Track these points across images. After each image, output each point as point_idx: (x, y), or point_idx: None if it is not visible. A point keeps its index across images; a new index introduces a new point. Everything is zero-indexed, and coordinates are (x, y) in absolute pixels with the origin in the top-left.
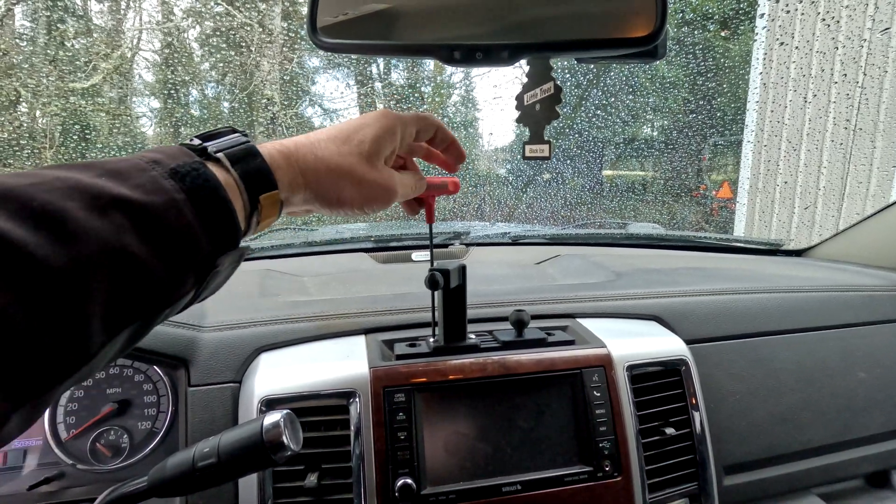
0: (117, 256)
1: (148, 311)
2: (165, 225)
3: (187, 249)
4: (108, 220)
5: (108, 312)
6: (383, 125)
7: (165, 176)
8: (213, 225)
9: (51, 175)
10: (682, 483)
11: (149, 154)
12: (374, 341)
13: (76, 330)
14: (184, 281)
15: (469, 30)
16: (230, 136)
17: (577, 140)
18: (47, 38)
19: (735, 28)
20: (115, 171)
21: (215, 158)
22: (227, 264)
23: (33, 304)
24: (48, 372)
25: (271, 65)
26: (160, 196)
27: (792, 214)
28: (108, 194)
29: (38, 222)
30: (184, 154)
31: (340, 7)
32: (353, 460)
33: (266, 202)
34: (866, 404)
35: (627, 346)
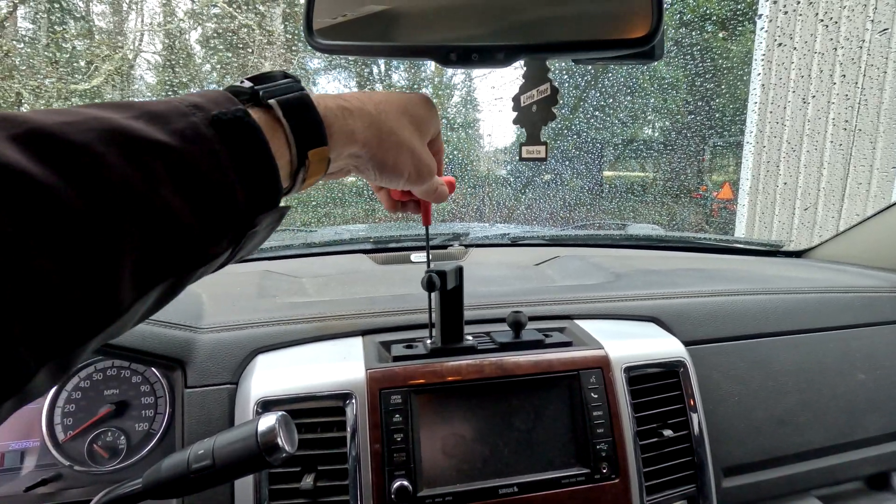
0: (151, 207)
1: (181, 267)
2: (203, 178)
3: (224, 205)
4: (143, 168)
5: (140, 266)
6: (432, 111)
7: (206, 123)
8: (254, 181)
9: (86, 114)
10: (681, 485)
11: (190, 97)
12: (372, 343)
13: (106, 282)
14: (219, 238)
15: (465, 31)
16: (283, 81)
17: (577, 141)
18: (49, 39)
19: (732, 29)
20: (153, 113)
21: (266, 105)
22: (266, 224)
23: (61, 253)
24: (77, 326)
25: (272, 66)
26: (199, 145)
27: (793, 215)
28: (146, 139)
29: (70, 166)
30: (227, 100)
31: (336, 9)
32: (350, 462)
33: (314, 158)
34: (866, 406)
35: (625, 347)
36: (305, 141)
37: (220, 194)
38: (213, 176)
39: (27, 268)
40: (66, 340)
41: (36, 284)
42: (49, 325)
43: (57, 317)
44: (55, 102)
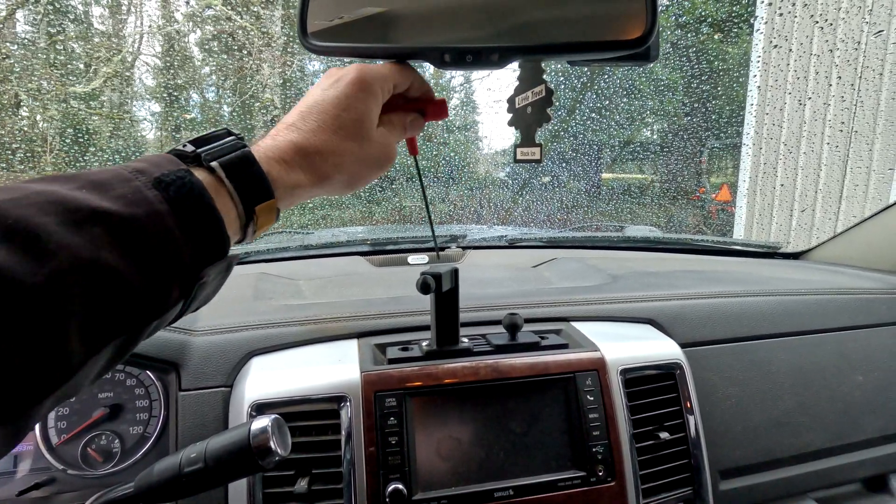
0: (94, 271)
1: (131, 324)
2: (146, 237)
3: (169, 261)
4: (85, 235)
5: (88, 327)
6: (367, 92)
7: (149, 186)
8: (198, 235)
9: (30, 189)
10: (677, 488)
11: (134, 164)
12: (367, 345)
13: (53, 346)
14: (167, 293)
15: (459, 33)
16: (225, 140)
17: (575, 143)
18: (48, 42)
19: (730, 31)
20: (96, 182)
21: (208, 167)
22: (214, 275)
23: (6, 322)
24: (26, 390)
25: (271, 68)
26: (142, 207)
27: (790, 217)
28: (87, 207)
29: (12, 239)
30: (170, 162)
31: (331, 11)
32: (344, 465)
33: (262, 211)
34: (864, 408)
35: (621, 349)
36: (251, 198)
37: (164, 252)
38: (156, 236)
39: None
40: (17, 404)
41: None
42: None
43: (5, 381)
44: (53, 105)
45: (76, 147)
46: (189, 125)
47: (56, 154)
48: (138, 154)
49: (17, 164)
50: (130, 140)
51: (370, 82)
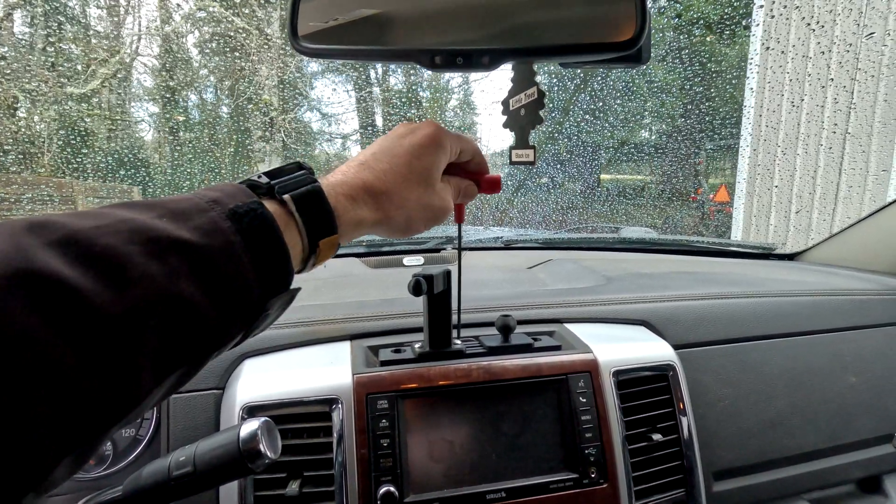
0: (172, 302)
1: (197, 355)
2: (220, 269)
3: (239, 294)
4: (165, 265)
5: (159, 357)
6: (439, 146)
7: (223, 217)
8: (267, 268)
9: (114, 216)
10: (670, 489)
11: (209, 193)
12: (359, 347)
13: (127, 375)
14: (234, 324)
15: (450, 35)
16: (297, 175)
17: (572, 145)
18: (46, 43)
19: (727, 33)
20: (176, 211)
21: (280, 200)
22: (277, 307)
23: (87, 350)
24: (98, 417)
25: (269, 70)
26: (217, 238)
27: (787, 218)
28: (168, 237)
29: (99, 268)
30: (243, 193)
31: (321, 14)
32: (336, 468)
33: (325, 245)
34: (857, 409)
35: (614, 351)
36: (317, 232)
37: (235, 284)
38: (229, 267)
39: (56, 369)
40: (88, 430)
41: (63, 382)
42: (72, 417)
43: (79, 408)
44: (51, 105)
45: (73, 148)
46: (187, 126)
47: (53, 155)
48: (136, 156)
49: (12, 165)
50: (127, 141)
51: (442, 139)
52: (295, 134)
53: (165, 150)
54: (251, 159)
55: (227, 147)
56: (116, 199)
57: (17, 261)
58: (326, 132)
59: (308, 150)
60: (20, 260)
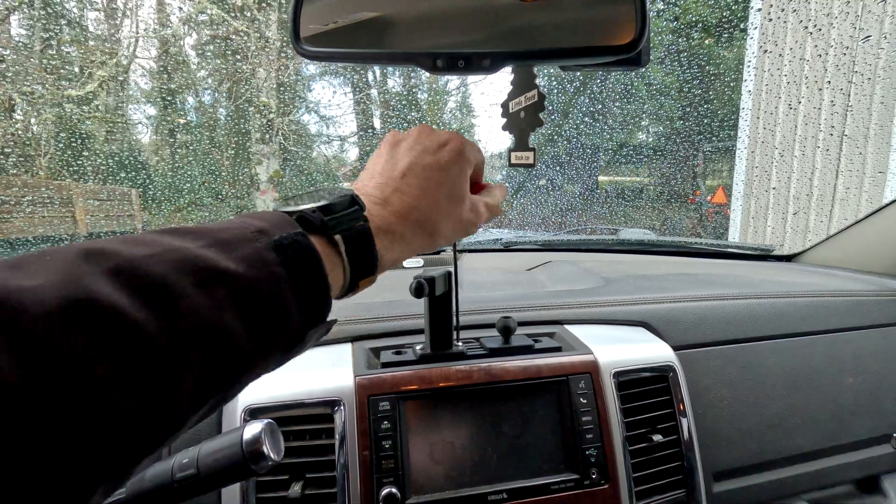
0: (215, 333)
1: (233, 384)
2: (263, 301)
3: (280, 326)
4: (212, 297)
5: (198, 386)
6: (466, 161)
7: (269, 248)
8: (308, 301)
9: (165, 244)
10: (670, 490)
11: (255, 222)
12: (361, 349)
13: (168, 404)
14: (272, 354)
15: (452, 38)
16: (349, 211)
17: (571, 147)
18: (43, 45)
19: (723, 36)
20: (223, 241)
21: (329, 236)
22: (314, 338)
23: (135, 379)
24: (137, 445)
25: (268, 72)
26: (262, 271)
27: (785, 220)
28: (215, 268)
29: (151, 297)
30: (288, 224)
31: (323, 16)
32: (338, 469)
33: (363, 284)
34: (855, 410)
35: (614, 352)
36: (359, 273)
37: (276, 317)
38: (272, 300)
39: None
40: (127, 457)
41: (110, 410)
42: (114, 447)
43: (120, 435)
44: (49, 108)
45: (72, 151)
46: (185, 129)
47: (51, 157)
48: (135, 158)
49: (11, 168)
50: (126, 143)
51: (468, 153)
52: (293, 136)
53: (165, 153)
54: (250, 161)
55: (226, 149)
56: (116, 201)
57: (75, 289)
58: (325, 134)
59: (307, 151)
60: (77, 288)
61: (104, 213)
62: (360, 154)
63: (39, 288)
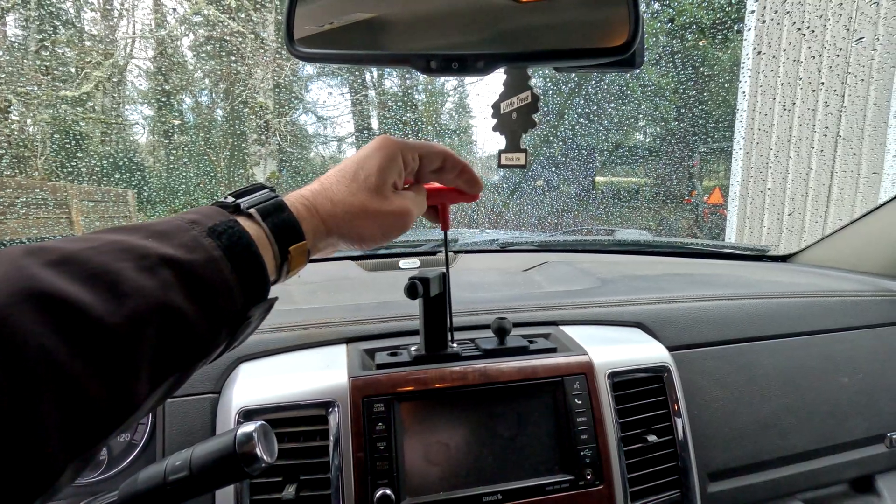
0: (165, 311)
1: (187, 362)
2: (206, 281)
3: (224, 303)
4: (156, 278)
5: (155, 365)
6: (384, 154)
7: (204, 235)
8: (247, 279)
9: (103, 238)
10: (665, 490)
11: (188, 215)
12: (356, 350)
13: (127, 382)
14: (220, 333)
15: (446, 40)
16: (259, 193)
17: (567, 148)
18: (39, 45)
19: (714, 37)
20: (160, 232)
21: (247, 214)
22: (257, 316)
23: (92, 358)
24: (101, 423)
25: (264, 73)
26: (201, 254)
27: (780, 220)
28: (156, 254)
29: (95, 282)
30: (218, 213)
31: (318, 18)
32: (332, 471)
33: (295, 252)
34: (849, 409)
35: (609, 353)
36: (285, 239)
37: (221, 294)
38: (214, 279)
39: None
40: (92, 437)
41: (71, 390)
42: (79, 425)
43: (87, 416)
44: (44, 109)
45: (67, 152)
46: (182, 129)
47: (47, 159)
48: (131, 159)
49: (5, 169)
50: (122, 144)
51: (388, 146)
52: (290, 137)
53: (161, 154)
54: (246, 162)
55: (222, 150)
56: (111, 202)
57: (21, 279)
58: (322, 135)
59: (303, 153)
60: (23, 278)
61: (100, 214)
62: None
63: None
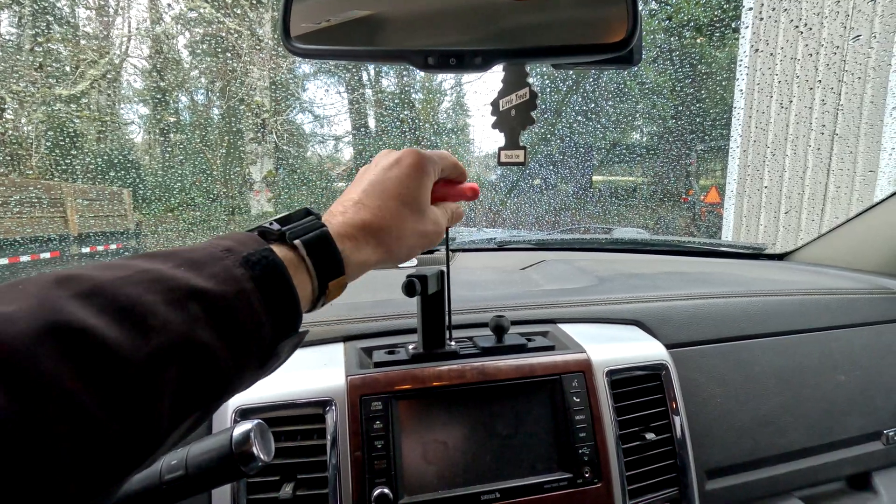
0: (190, 348)
1: (213, 399)
2: (235, 316)
3: (253, 339)
4: (184, 312)
5: (177, 402)
6: (421, 172)
7: (237, 264)
8: (278, 312)
9: (136, 266)
10: (663, 488)
11: (224, 241)
12: (353, 349)
13: (148, 420)
14: (247, 368)
15: (443, 36)
16: (305, 221)
17: (565, 146)
18: (33, 43)
19: (711, 35)
20: (192, 260)
21: (291, 244)
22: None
23: (113, 398)
24: (119, 463)
25: (261, 71)
26: (232, 286)
27: (777, 219)
28: (186, 286)
29: (123, 317)
30: (255, 241)
31: (314, 14)
32: (330, 470)
33: (333, 286)
34: (846, 407)
35: (607, 351)
36: (326, 274)
37: (249, 329)
38: (243, 313)
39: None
40: (112, 477)
41: (90, 430)
42: (99, 465)
43: (107, 456)
44: (39, 107)
45: (62, 150)
46: (178, 128)
47: (41, 157)
48: (127, 157)
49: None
50: (117, 143)
51: (425, 165)
52: (287, 136)
53: (157, 152)
54: (243, 161)
55: (218, 149)
56: (107, 200)
57: (47, 313)
58: (319, 134)
59: (300, 151)
60: (50, 312)
61: (95, 212)
62: (355, 154)
63: (14, 314)
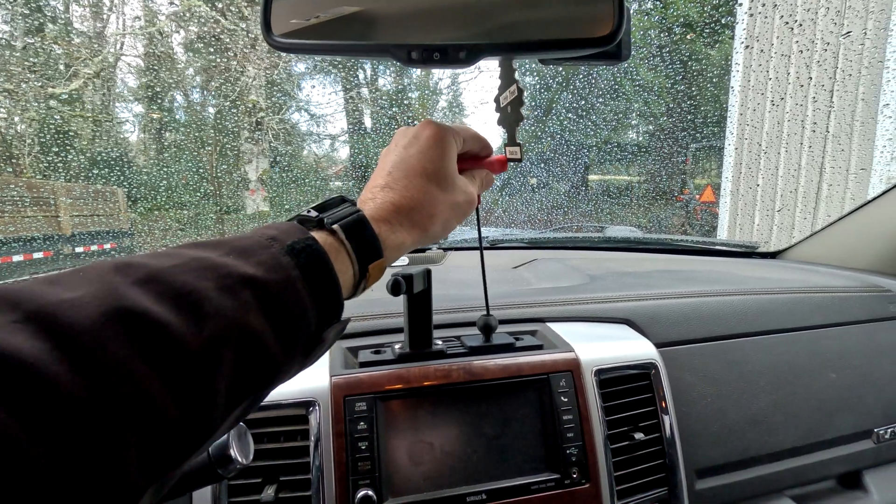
0: (243, 333)
1: (262, 384)
2: (283, 303)
3: (300, 326)
4: (237, 299)
5: (231, 387)
6: (443, 142)
7: (283, 252)
8: (322, 300)
9: (187, 255)
10: (653, 488)
11: (268, 230)
12: (338, 348)
13: (205, 405)
14: (295, 355)
15: (427, 30)
16: (342, 206)
17: (560, 144)
18: (26, 42)
19: (703, 32)
20: (240, 248)
21: (330, 230)
22: (331, 337)
23: (174, 382)
24: (179, 447)
25: (256, 70)
26: (279, 273)
27: (771, 217)
28: (237, 273)
29: (180, 302)
30: (297, 230)
31: (296, 8)
32: (313, 472)
33: (374, 270)
34: (837, 405)
35: (596, 350)
36: (365, 257)
37: (296, 315)
38: (291, 300)
39: (147, 401)
40: (171, 462)
41: (154, 413)
42: (159, 450)
43: (166, 441)
44: (32, 105)
45: (55, 149)
46: (173, 127)
47: (34, 157)
48: (121, 157)
49: None
50: (111, 142)
51: (445, 135)
52: (283, 135)
53: (152, 152)
54: (238, 160)
55: (214, 148)
56: (101, 200)
57: (111, 299)
58: (315, 133)
59: (296, 150)
60: (113, 298)
61: (89, 212)
62: (351, 153)
63: (80, 300)
